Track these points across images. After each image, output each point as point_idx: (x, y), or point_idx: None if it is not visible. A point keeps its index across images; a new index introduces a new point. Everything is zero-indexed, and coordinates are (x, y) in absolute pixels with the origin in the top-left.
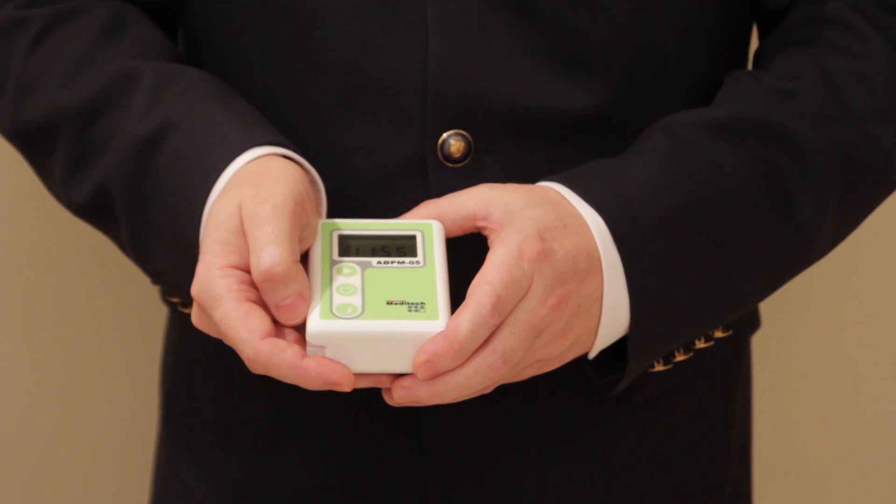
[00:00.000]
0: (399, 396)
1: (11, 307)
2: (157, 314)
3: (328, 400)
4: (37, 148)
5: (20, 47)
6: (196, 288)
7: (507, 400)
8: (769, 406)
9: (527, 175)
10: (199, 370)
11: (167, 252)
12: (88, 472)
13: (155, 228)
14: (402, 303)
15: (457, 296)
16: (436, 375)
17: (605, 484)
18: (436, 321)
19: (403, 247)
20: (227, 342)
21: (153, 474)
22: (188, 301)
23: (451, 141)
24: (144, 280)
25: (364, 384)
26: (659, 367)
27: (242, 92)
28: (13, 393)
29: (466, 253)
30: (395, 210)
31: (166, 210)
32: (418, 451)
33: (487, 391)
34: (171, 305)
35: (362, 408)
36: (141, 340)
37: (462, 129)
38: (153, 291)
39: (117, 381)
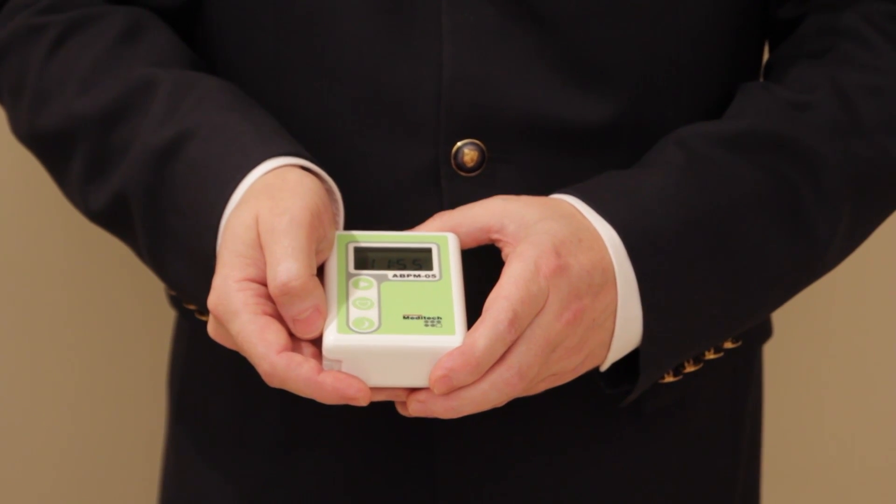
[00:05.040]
0: (414, 410)
1: (15, 310)
2: (164, 317)
3: (340, 410)
4: (54, 155)
5: (38, 54)
6: (213, 301)
7: (517, 410)
8: (780, 414)
9: (540, 185)
10: (211, 378)
11: (184, 261)
12: (92, 475)
13: (172, 238)
14: (418, 317)
15: (470, 308)
16: (452, 390)
17: (615, 494)
18: (452, 336)
19: (419, 260)
20: (244, 355)
21: (161, 480)
22: (204, 309)
23: (465, 150)
24: (151, 283)
25: (380, 398)
26: (669, 378)
27: (256, 100)
28: (16, 396)
29: (477, 264)
30: (408, 219)
31: (183, 220)
32: (429, 460)
33: (501, 405)
34: (184, 311)
35: (374, 418)
36: (147, 343)
37: (476, 138)
38: (161, 295)
39: (123, 385)
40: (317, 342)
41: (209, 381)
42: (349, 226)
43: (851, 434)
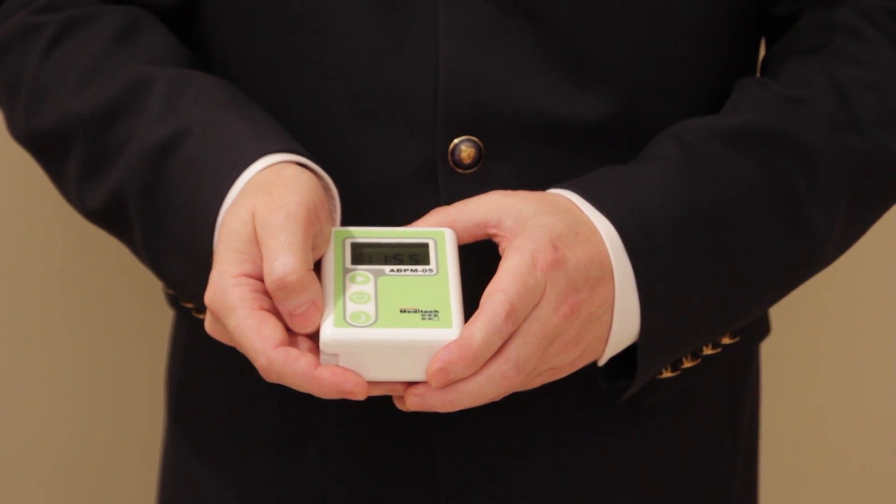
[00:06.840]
0: (412, 404)
1: (12, 310)
2: (161, 317)
3: (338, 406)
4: (51, 154)
5: (34, 53)
6: (209, 297)
7: (515, 406)
8: (778, 411)
9: (537, 181)
10: (209, 375)
11: (181, 259)
12: (90, 474)
13: (168, 235)
14: (415, 311)
15: (467, 303)
16: (449, 383)
17: (612, 490)
18: (449, 329)
19: (416, 255)
20: (241, 351)
21: (160, 478)
22: (202, 307)
23: (462, 147)
24: (149, 282)
25: (377, 392)
26: (666, 374)
27: (253, 97)
28: (13, 395)
29: (475, 260)
30: (405, 216)
31: (180, 217)
32: (428, 456)
33: (499, 399)
34: (182, 310)
35: (372, 414)
36: (145, 342)
37: (473, 135)
38: (158, 294)
39: (121, 384)
40: (314, 337)
41: (207, 380)
42: (346, 222)
43: (849, 431)
